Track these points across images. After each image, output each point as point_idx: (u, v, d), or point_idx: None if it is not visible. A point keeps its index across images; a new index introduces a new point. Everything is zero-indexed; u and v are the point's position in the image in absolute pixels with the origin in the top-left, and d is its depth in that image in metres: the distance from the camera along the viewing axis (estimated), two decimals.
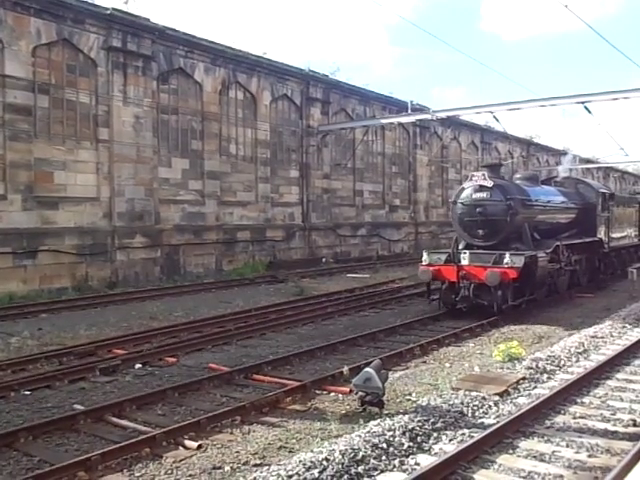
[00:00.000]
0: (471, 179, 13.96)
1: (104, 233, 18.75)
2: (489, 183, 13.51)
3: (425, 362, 9.43)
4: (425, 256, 13.79)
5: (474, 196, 13.74)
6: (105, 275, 18.64)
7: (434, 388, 7.92)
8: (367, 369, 6.97)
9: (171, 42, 20.89)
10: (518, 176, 16.64)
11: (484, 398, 7.26)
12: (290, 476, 5.03)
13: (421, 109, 25.33)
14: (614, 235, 18.94)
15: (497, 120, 23.31)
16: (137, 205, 19.60)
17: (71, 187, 18.08)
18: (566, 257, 15.18)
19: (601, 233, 17.76)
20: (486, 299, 12.66)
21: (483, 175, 13.70)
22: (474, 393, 7.41)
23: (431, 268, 13.33)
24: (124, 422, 6.87)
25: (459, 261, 13.10)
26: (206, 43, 22.08)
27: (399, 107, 29.24)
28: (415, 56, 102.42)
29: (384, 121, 27.59)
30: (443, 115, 24.45)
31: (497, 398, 7.32)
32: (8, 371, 9.09)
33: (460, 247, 13.96)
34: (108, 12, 18.76)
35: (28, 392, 8.09)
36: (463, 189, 14.15)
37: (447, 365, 9.22)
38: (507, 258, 12.40)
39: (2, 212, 16.44)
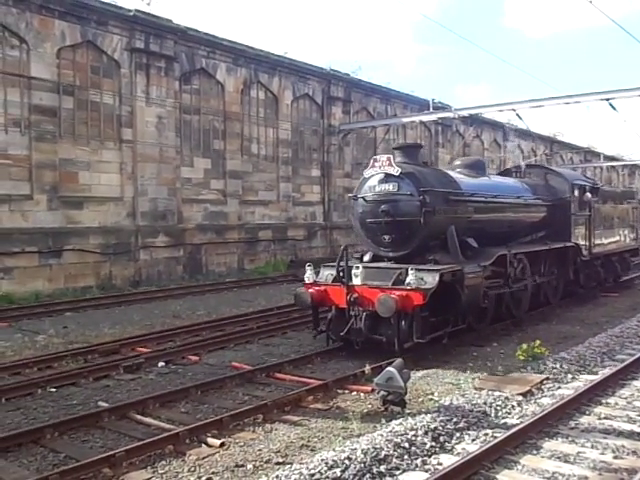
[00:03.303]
0: (373, 165, 10.24)
1: (128, 232, 18.95)
2: (396, 170, 9.92)
3: (447, 361, 9.36)
4: (308, 272, 10.24)
5: (378, 189, 10.19)
6: (129, 274, 18.84)
7: (456, 388, 7.87)
8: (389, 368, 6.94)
9: (193, 42, 21.03)
10: (458, 163, 12.99)
11: (507, 398, 7.20)
12: (312, 475, 5.04)
13: (443, 107, 25.20)
14: (599, 239, 15.45)
15: (520, 117, 23.06)
16: (160, 205, 19.78)
17: (95, 187, 18.30)
18: (519, 270, 11.85)
19: (578, 237, 14.34)
20: (385, 333, 9.20)
21: (388, 160, 10.02)
22: (497, 393, 7.36)
23: (312, 289, 9.87)
24: (148, 419, 6.93)
25: (350, 279, 9.58)
26: (228, 43, 22.18)
27: (420, 105, 29.09)
28: (439, 54, 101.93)
29: (405, 120, 27.46)
30: (465, 113, 24.28)
31: (520, 398, 7.26)
32: (34, 368, 9.24)
33: (366, 259, 10.56)
34: (131, 14, 18.96)
35: (54, 389, 8.20)
36: (365, 179, 10.46)
37: (470, 364, 9.14)
38: (410, 276, 8.93)
39: (28, 212, 16.72)
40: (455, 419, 6.40)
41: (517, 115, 22.70)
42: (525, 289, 12.11)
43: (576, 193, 14.52)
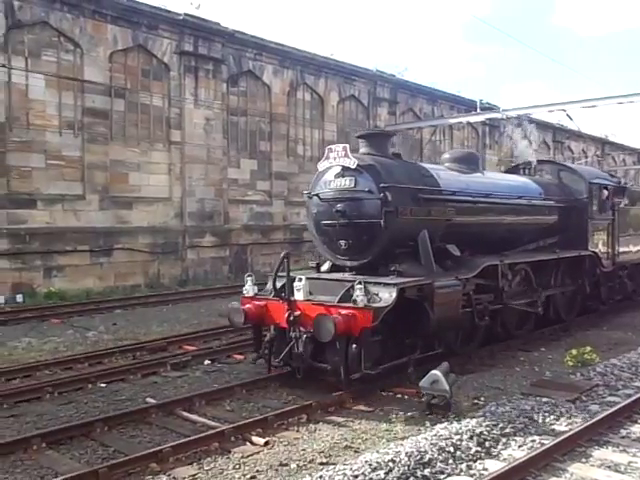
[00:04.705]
0: (327, 156, 8.66)
1: (175, 232, 19.30)
2: (352, 162, 8.33)
3: (494, 366, 9.23)
4: (248, 283, 8.67)
5: (333, 185, 8.62)
6: (176, 273, 19.19)
7: (503, 393, 7.74)
8: (434, 371, 6.88)
9: (240, 45, 21.29)
10: (446, 157, 11.10)
11: (555, 404, 7.05)
12: (356, 476, 5.04)
13: (490, 108, 24.83)
14: (625, 246, 13.50)
15: (570, 118, 22.55)
16: (207, 205, 20.08)
17: (145, 187, 18.72)
18: (517, 283, 10.32)
19: (598, 244, 12.48)
20: (331, 360, 7.56)
21: (344, 150, 8.42)
22: (545, 399, 7.22)
23: (250, 304, 8.35)
24: (194, 416, 7.03)
25: (292, 293, 7.98)
26: (274, 45, 22.38)
27: (467, 106, 28.77)
28: (489, 53, 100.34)
29: (452, 120, 27.19)
30: (513, 114, 23.83)
31: (569, 405, 7.10)
32: (85, 364, 9.49)
33: (323, 268, 9.14)
34: (180, 17, 19.31)
35: (104, 385, 8.41)
36: (320, 174, 8.88)
37: (517, 369, 8.99)
38: (357, 292, 7.37)
39: (81, 212, 17.20)
40: (501, 424, 6.30)
41: (567, 116, 22.24)
42: (527, 305, 10.57)
43: (595, 193, 12.60)
